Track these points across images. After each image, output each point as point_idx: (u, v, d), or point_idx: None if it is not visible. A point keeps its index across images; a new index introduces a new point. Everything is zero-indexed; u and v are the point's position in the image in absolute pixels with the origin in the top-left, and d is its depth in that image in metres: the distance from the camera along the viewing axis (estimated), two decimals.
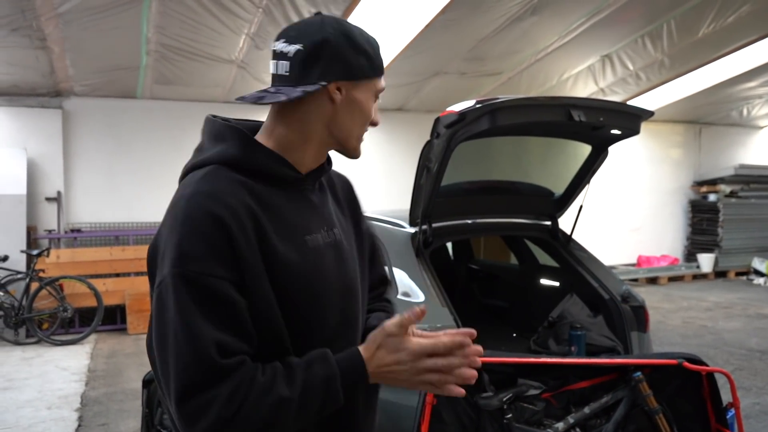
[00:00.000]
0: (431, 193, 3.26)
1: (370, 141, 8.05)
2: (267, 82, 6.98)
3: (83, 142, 7.77)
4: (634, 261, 11.27)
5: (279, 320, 1.12)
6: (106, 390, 5.09)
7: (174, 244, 1.05)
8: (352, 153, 1.28)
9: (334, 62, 1.15)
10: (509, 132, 3.38)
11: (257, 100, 1.15)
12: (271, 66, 1.20)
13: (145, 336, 3.68)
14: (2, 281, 6.71)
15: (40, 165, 7.50)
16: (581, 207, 3.78)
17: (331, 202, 1.35)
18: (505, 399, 2.71)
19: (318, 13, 1.19)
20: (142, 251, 7.70)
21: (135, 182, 7.94)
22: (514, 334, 4.26)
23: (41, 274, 6.85)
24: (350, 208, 1.42)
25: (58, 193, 7.57)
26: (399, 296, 3.35)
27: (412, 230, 3.58)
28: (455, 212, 3.71)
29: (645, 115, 3.27)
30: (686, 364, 2.69)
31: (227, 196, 1.09)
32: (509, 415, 2.72)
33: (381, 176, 9.04)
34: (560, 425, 2.74)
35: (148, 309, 7.34)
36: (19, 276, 6.78)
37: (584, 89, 8.94)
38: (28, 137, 7.41)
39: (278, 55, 1.17)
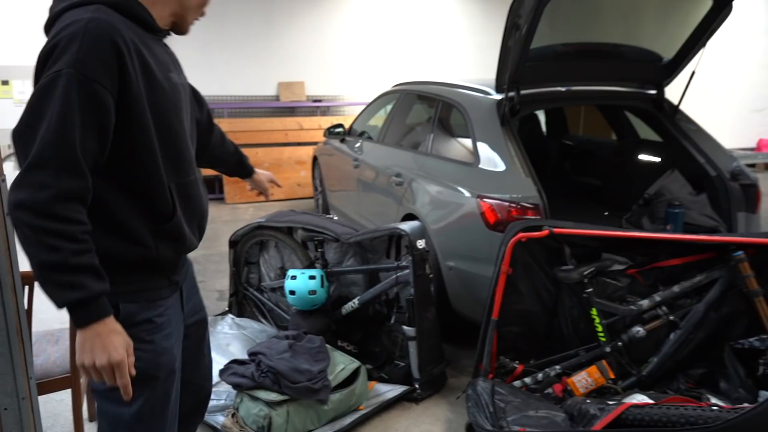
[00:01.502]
0: (520, 56, 2.98)
1: (465, 13, 7.55)
2: None
3: None
4: (754, 145, 10.29)
5: (153, 138, 1.33)
6: (204, 252, 5.44)
7: (73, 51, 1.19)
8: (185, 28, 1.50)
9: None
10: None
11: None
12: None
13: (241, 205, 3.75)
14: None
15: None
16: (693, 73, 3.36)
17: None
18: (586, 273, 2.58)
19: None
20: (237, 124, 7.89)
21: (228, 57, 7.97)
22: (606, 213, 4.03)
23: None
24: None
25: None
26: (480, 166, 3.20)
27: (499, 97, 3.35)
28: (547, 78, 3.41)
29: None
30: None
31: (120, 29, 1.26)
32: (589, 290, 2.60)
33: (482, 48, 8.57)
34: (644, 302, 2.59)
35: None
36: None
37: None
38: None
39: None
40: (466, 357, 3.30)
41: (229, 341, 3.25)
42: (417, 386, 2.88)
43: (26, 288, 2.07)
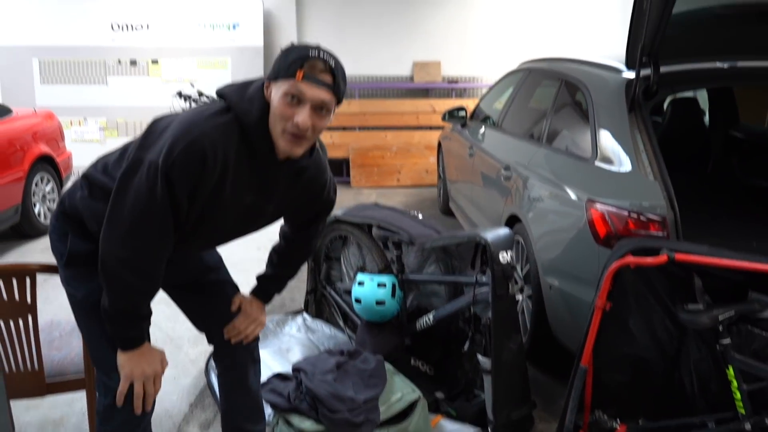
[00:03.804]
0: (659, 21, 2.29)
1: None
2: None
3: None
4: None
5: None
6: None
7: (169, 147, 1.36)
8: (279, 151, 1.49)
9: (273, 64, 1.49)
10: None
11: None
12: None
13: (366, 190, 3.55)
14: None
15: (276, 16, 7.63)
16: None
17: (288, 183, 1.62)
18: (722, 317, 1.87)
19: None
20: (367, 105, 7.62)
21: (362, 36, 7.71)
22: None
23: None
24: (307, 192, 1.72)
25: (291, 44, 7.70)
26: (597, 162, 2.55)
27: (631, 75, 2.64)
28: (698, 50, 2.64)
29: None
30: None
31: (225, 148, 1.41)
32: (726, 341, 1.88)
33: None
34: None
35: (370, 164, 7.34)
36: None
37: None
38: None
39: None
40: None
41: (290, 346, 2.93)
42: (490, 430, 2.35)
43: (27, 280, 1.87)
